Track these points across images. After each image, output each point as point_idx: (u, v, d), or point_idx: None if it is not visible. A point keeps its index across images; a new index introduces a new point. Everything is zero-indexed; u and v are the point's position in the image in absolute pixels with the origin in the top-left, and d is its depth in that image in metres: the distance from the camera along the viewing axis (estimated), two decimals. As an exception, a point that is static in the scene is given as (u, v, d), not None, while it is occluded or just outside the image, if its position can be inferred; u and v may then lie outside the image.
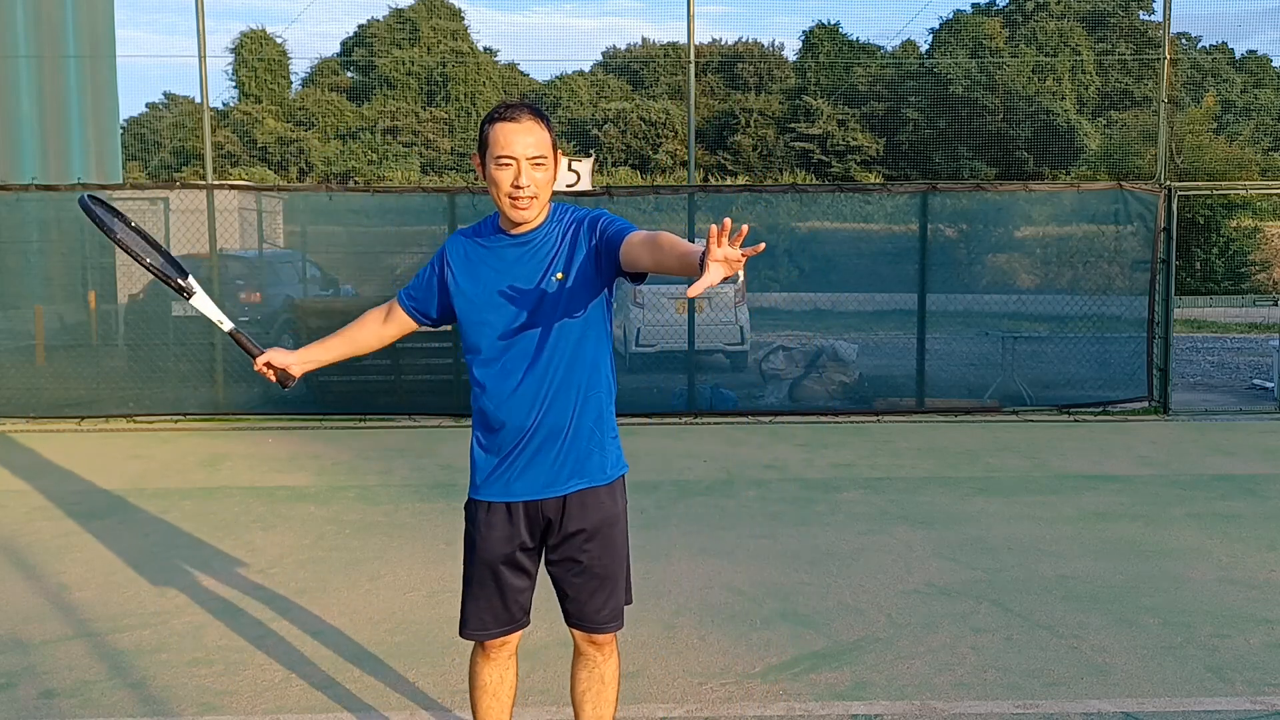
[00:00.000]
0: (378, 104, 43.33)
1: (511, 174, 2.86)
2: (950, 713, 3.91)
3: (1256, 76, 40.84)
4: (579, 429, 2.99)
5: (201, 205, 10.17)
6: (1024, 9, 44.24)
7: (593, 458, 3.02)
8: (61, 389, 10.35)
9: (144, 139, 37.91)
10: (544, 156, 2.89)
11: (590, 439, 3.01)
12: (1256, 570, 5.50)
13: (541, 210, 2.95)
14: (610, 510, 3.05)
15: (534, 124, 2.89)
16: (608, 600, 3.07)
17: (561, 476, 2.99)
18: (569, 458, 2.99)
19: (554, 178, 2.96)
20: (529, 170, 2.86)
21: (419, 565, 5.64)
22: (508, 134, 2.87)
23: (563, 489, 3.00)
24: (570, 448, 2.99)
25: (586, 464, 3.01)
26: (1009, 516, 6.55)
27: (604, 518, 3.03)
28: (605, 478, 3.04)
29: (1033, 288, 11.44)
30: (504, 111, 2.90)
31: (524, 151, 2.86)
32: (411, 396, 10.19)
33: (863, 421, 9.87)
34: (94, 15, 16.87)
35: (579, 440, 3.00)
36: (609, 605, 3.08)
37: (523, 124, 2.87)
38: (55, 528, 6.40)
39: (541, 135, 2.89)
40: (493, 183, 2.90)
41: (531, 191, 2.87)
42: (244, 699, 4.05)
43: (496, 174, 2.88)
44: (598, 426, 3.02)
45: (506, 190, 2.87)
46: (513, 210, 2.90)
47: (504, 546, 3.05)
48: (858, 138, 38.92)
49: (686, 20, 10.17)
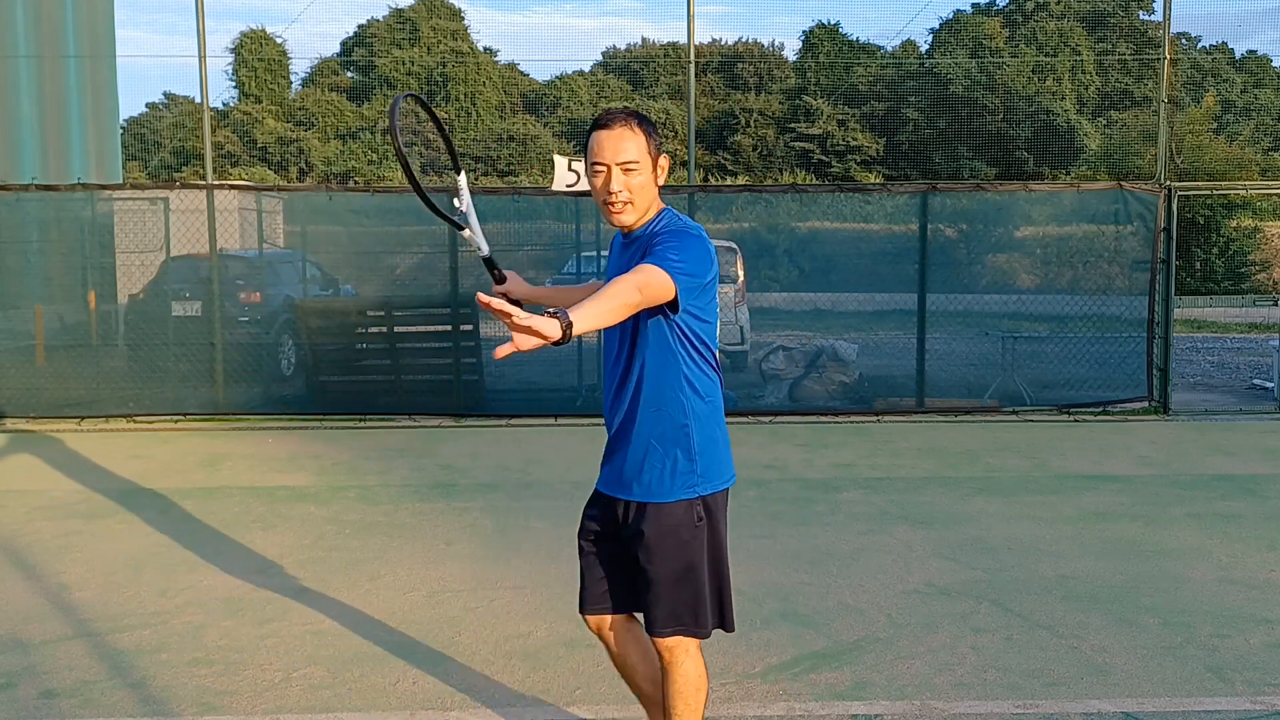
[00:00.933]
0: (378, 104, 43.32)
1: (602, 180, 2.92)
2: (950, 713, 3.91)
3: (1256, 76, 40.85)
4: (637, 440, 3.04)
5: (201, 205, 10.17)
6: (1024, 9, 44.24)
7: (652, 471, 3.04)
8: (61, 389, 10.35)
9: (144, 139, 37.92)
10: (636, 162, 2.91)
11: (650, 451, 3.04)
12: (1256, 570, 5.50)
13: (644, 214, 2.99)
14: (666, 527, 3.05)
15: (626, 130, 2.92)
16: (658, 605, 3.09)
17: (624, 480, 3.09)
18: (628, 464, 3.07)
19: (655, 182, 2.98)
20: (619, 176, 2.91)
21: (419, 565, 5.65)
22: (600, 141, 2.92)
23: (626, 494, 3.09)
24: (630, 455, 3.06)
25: (641, 475, 3.05)
26: (1009, 516, 6.55)
27: (659, 531, 3.05)
28: (665, 495, 3.04)
29: (1033, 288, 11.44)
30: (601, 118, 2.96)
31: (614, 157, 2.90)
32: (411, 396, 10.19)
33: (863, 421, 9.87)
34: (94, 15, 16.87)
35: (637, 450, 3.05)
36: (660, 611, 3.09)
37: (614, 130, 2.91)
38: (55, 528, 6.40)
39: (635, 141, 2.92)
40: (592, 189, 2.98)
41: (625, 197, 2.92)
42: (244, 699, 4.05)
43: (592, 180, 2.95)
44: (660, 442, 3.02)
45: (601, 196, 2.94)
46: (608, 215, 2.96)
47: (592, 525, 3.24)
48: (858, 138, 38.94)
49: (686, 20, 10.17)
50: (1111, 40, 41.06)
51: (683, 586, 3.07)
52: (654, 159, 2.96)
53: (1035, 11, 43.82)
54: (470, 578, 5.43)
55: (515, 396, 10.58)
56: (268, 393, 10.57)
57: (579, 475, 7.78)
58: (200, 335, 10.29)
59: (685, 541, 3.05)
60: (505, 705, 3.99)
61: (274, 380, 10.83)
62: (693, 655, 3.13)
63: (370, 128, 42.16)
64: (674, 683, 3.14)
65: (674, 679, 3.14)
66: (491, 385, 10.56)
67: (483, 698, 4.05)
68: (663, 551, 3.05)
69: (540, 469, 8.00)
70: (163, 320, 10.64)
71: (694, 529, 3.06)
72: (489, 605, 5.03)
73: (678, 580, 3.07)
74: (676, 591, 3.07)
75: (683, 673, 3.14)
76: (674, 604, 3.08)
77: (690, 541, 3.06)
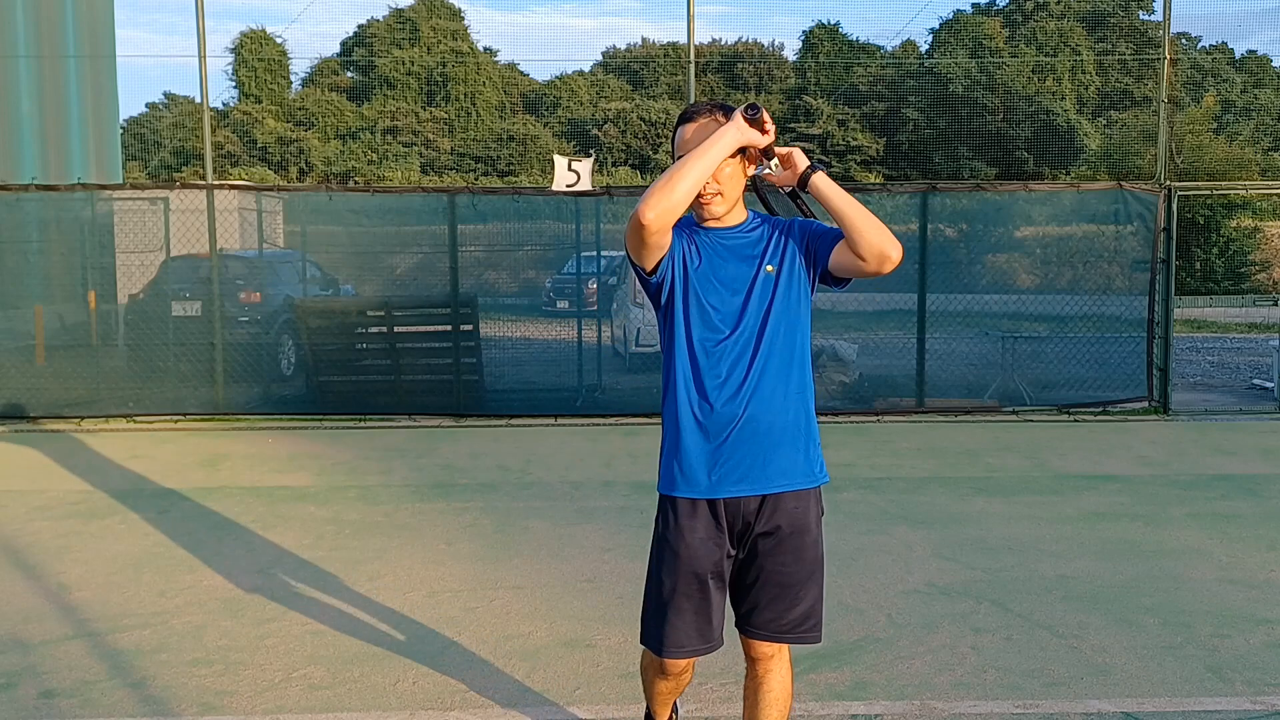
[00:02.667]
0: (378, 104, 43.34)
1: None
2: (950, 713, 3.91)
3: (1256, 76, 40.83)
4: (786, 424, 2.94)
5: (201, 205, 10.16)
6: (1024, 9, 44.26)
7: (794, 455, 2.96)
8: (61, 389, 10.34)
9: (144, 139, 37.91)
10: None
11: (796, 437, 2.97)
12: (1256, 570, 5.50)
13: (734, 204, 2.95)
14: (805, 516, 3.00)
15: (711, 121, 2.88)
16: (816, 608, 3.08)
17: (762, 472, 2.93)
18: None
19: (744, 172, 2.94)
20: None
21: (419, 565, 5.65)
22: (686, 134, 2.90)
23: (784, 484, 2.95)
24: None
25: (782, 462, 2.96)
26: (1009, 516, 6.55)
27: (794, 521, 2.98)
28: (811, 480, 2.99)
29: (1033, 288, 11.43)
30: (686, 112, 2.95)
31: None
32: (411, 396, 10.19)
33: (863, 421, 9.87)
34: (94, 15, 16.87)
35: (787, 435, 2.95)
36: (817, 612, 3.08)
37: (700, 122, 2.89)
38: (55, 528, 6.40)
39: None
40: None
41: (714, 188, 2.88)
42: (244, 699, 4.05)
43: None
44: (805, 426, 2.98)
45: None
46: (698, 207, 2.90)
47: (712, 551, 2.97)
48: (858, 138, 38.95)
49: (686, 20, 10.17)
50: (1111, 40, 41.07)
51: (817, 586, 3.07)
52: (742, 153, 2.93)
53: (1035, 11, 43.83)
54: (470, 578, 5.43)
55: (515, 396, 10.58)
56: (268, 393, 10.57)
57: (579, 475, 7.79)
58: (200, 335, 10.29)
59: (819, 532, 3.05)
60: (505, 705, 3.99)
61: (274, 380, 10.83)
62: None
63: (370, 128, 42.17)
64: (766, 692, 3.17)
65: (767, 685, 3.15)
66: (491, 385, 10.56)
67: (483, 698, 4.05)
68: (799, 547, 3.02)
69: (540, 469, 8.00)
70: (163, 320, 10.64)
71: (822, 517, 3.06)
72: (489, 605, 5.03)
73: (813, 580, 3.05)
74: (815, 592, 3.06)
75: (776, 678, 3.16)
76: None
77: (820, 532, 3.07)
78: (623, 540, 6.07)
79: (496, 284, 11.17)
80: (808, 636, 3.05)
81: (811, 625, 3.04)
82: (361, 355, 10.62)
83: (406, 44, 46.01)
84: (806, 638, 3.05)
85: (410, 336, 10.42)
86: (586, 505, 6.89)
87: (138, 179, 26.79)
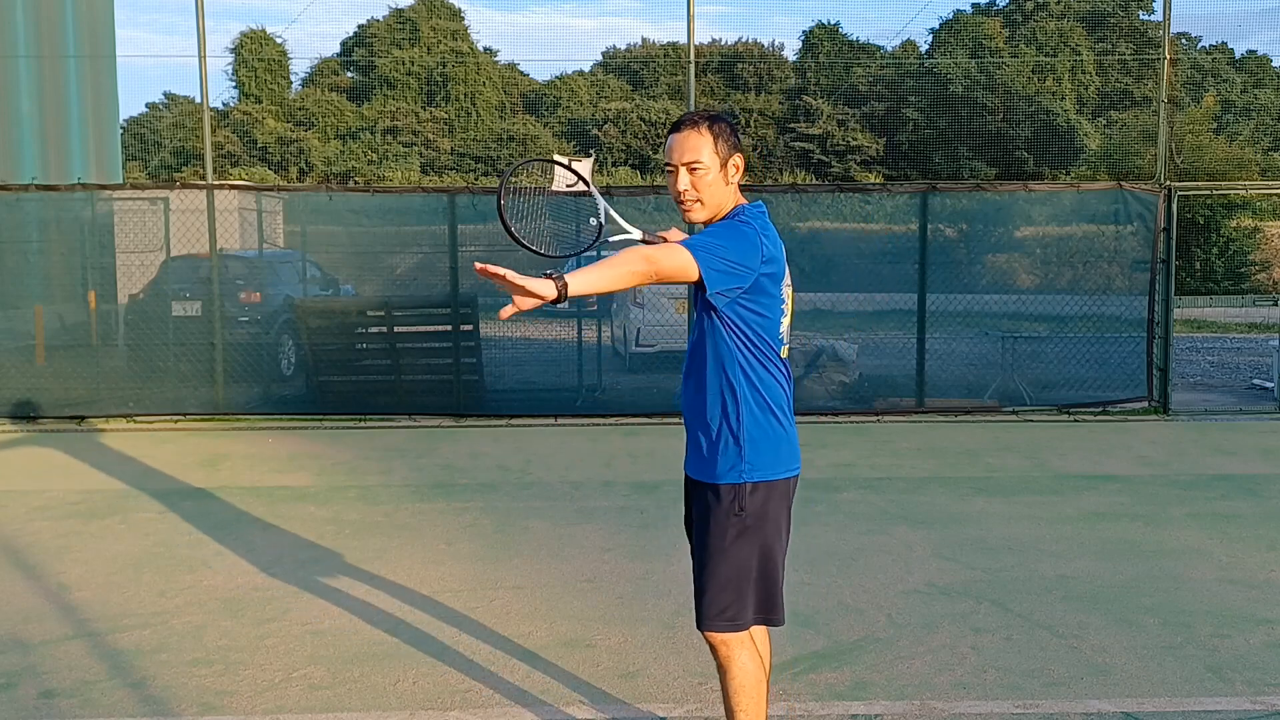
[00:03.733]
0: (378, 104, 43.34)
1: (672, 180, 3.08)
2: (950, 713, 3.91)
3: (1256, 76, 40.83)
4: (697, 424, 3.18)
5: (201, 205, 10.17)
6: (1024, 9, 44.25)
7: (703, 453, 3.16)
8: (61, 389, 10.34)
9: (144, 139, 37.89)
10: (700, 162, 3.03)
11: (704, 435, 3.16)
12: (1256, 570, 5.50)
13: (717, 212, 3.10)
14: (711, 510, 3.13)
15: (694, 132, 3.05)
16: (699, 597, 3.17)
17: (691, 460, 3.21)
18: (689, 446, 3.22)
19: (724, 181, 3.08)
20: (685, 175, 3.05)
21: (419, 565, 5.65)
22: (671, 143, 3.10)
23: (692, 473, 3.22)
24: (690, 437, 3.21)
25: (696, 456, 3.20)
26: (1009, 516, 6.55)
27: (700, 514, 3.17)
28: (712, 477, 3.14)
29: (1033, 288, 11.42)
30: (676, 122, 3.12)
31: (681, 158, 3.05)
32: (411, 396, 10.19)
33: (863, 421, 9.87)
34: (94, 15, 16.86)
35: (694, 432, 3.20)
36: (700, 602, 3.17)
37: (684, 133, 3.07)
38: (55, 528, 6.40)
39: (702, 142, 3.04)
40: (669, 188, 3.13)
41: (692, 195, 3.07)
42: (244, 699, 4.05)
43: (667, 180, 3.12)
44: (716, 425, 3.13)
45: (673, 195, 3.10)
46: (681, 212, 3.11)
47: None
48: (858, 138, 38.94)
49: (686, 20, 10.17)
50: (1111, 40, 41.06)
51: (707, 573, 3.12)
52: (724, 159, 3.06)
53: (1035, 11, 43.83)
54: (470, 578, 5.43)
55: (515, 396, 10.58)
56: (268, 393, 10.57)
57: (579, 475, 7.79)
58: (200, 335, 10.29)
59: (722, 525, 3.10)
60: (505, 705, 3.99)
61: (274, 380, 10.83)
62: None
63: (370, 128, 42.17)
64: (727, 682, 3.23)
65: (725, 675, 3.24)
66: (491, 385, 10.56)
67: (483, 698, 4.05)
68: (703, 532, 3.15)
69: (540, 469, 8.00)
70: (163, 320, 10.64)
71: (733, 515, 3.10)
72: (489, 605, 5.03)
73: (703, 566, 3.14)
74: (704, 583, 3.14)
75: (731, 671, 3.23)
76: (703, 597, 3.15)
77: (727, 527, 3.10)
78: (623, 540, 6.07)
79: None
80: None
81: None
82: (361, 355, 10.62)
83: (406, 44, 46.01)
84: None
85: (410, 336, 10.41)
86: (586, 505, 6.89)
87: (138, 179, 26.81)
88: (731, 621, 3.11)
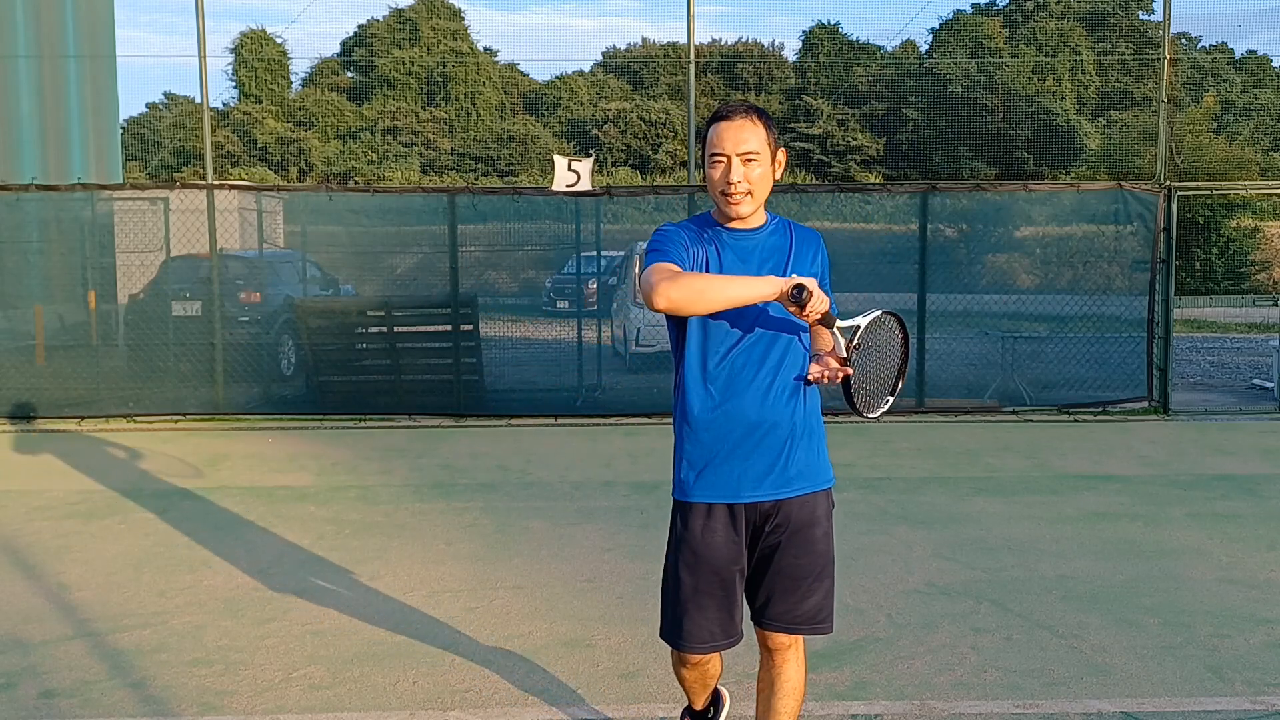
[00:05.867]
0: (378, 104, 43.35)
1: (721, 170, 2.93)
2: (950, 713, 3.91)
3: (1256, 76, 40.85)
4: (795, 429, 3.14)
5: (201, 205, 10.17)
6: (1024, 9, 44.26)
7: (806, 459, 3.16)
8: (61, 389, 10.35)
9: (144, 139, 37.90)
10: (756, 153, 2.92)
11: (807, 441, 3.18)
12: (1256, 570, 5.50)
13: (759, 206, 3.00)
14: (816, 514, 3.14)
15: (747, 121, 2.93)
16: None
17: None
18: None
19: (773, 174, 3.00)
20: (739, 166, 2.92)
21: (419, 565, 5.65)
22: (720, 132, 2.94)
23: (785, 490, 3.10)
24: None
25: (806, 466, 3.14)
26: (1009, 516, 6.55)
27: (806, 519, 3.12)
28: (821, 483, 3.16)
29: (1033, 288, 11.43)
30: (721, 110, 2.99)
31: (735, 148, 2.91)
32: (411, 396, 10.19)
33: (863, 421, 9.85)
34: (94, 15, 16.86)
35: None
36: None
37: (735, 121, 2.93)
38: (55, 528, 6.40)
39: (755, 132, 2.93)
40: (709, 180, 2.98)
41: (745, 187, 2.93)
42: (244, 699, 4.05)
43: (710, 171, 2.95)
44: (812, 428, 3.21)
45: (719, 187, 2.94)
46: (725, 205, 2.95)
47: (730, 550, 3.07)
48: (858, 138, 38.95)
49: (686, 20, 10.17)
50: (1111, 40, 41.07)
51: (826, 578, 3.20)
52: (773, 152, 2.98)
53: (1035, 11, 43.84)
54: (470, 578, 5.43)
55: (515, 396, 10.58)
56: (268, 393, 10.57)
57: (579, 475, 7.79)
58: (200, 335, 10.29)
59: (828, 530, 3.22)
60: (505, 705, 3.99)
61: (274, 380, 10.83)
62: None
63: (370, 128, 42.17)
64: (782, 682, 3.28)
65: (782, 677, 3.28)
66: (491, 385, 10.56)
67: (483, 698, 4.05)
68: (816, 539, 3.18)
69: (540, 469, 8.00)
70: (163, 320, 10.64)
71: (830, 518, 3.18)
72: (489, 605, 5.03)
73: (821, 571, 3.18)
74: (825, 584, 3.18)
75: (790, 669, 3.29)
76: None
77: (830, 530, 3.22)
78: (623, 540, 6.07)
79: (496, 284, 11.17)
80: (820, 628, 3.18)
81: (824, 617, 3.17)
82: (361, 355, 10.62)
83: (406, 44, 46.02)
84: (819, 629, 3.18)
85: (410, 336, 10.41)
86: (586, 505, 6.89)
87: (138, 179, 26.80)
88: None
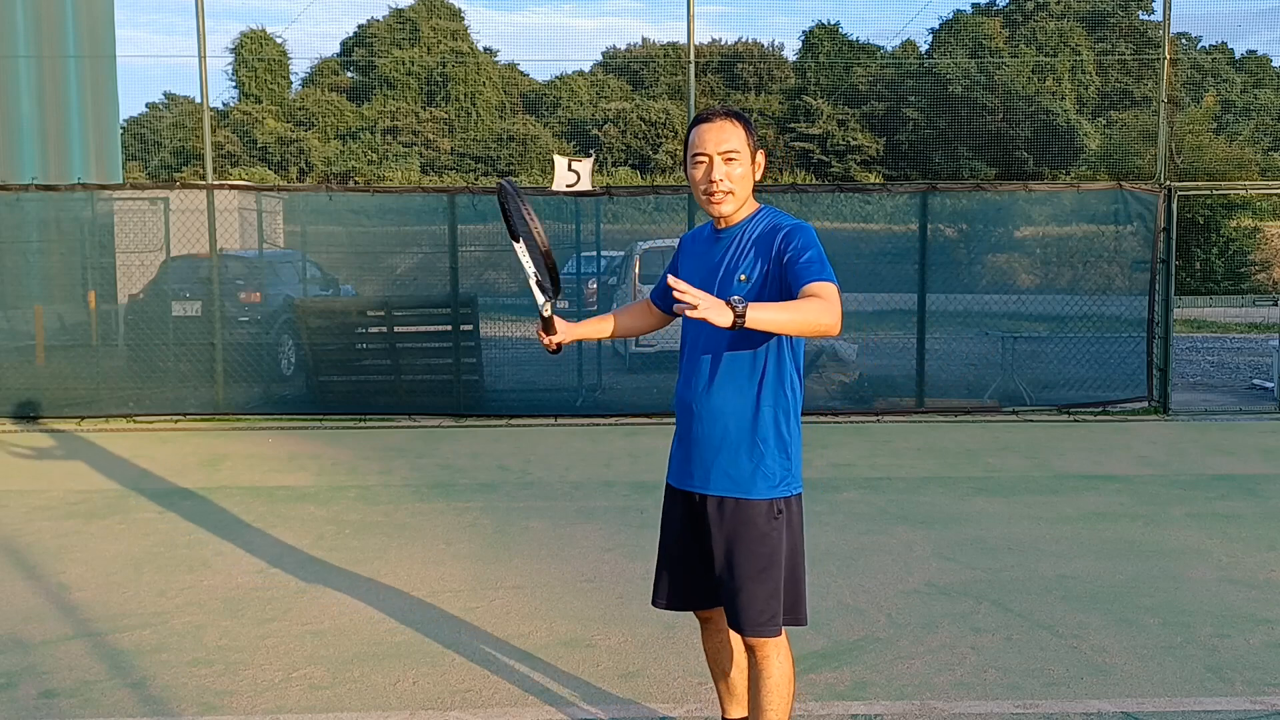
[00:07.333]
0: (378, 104, 43.33)
1: (704, 170, 2.99)
2: (950, 713, 3.91)
3: (1256, 76, 40.84)
4: (730, 431, 3.02)
5: (201, 205, 10.17)
6: (1024, 9, 44.25)
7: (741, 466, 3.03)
8: (61, 389, 10.35)
9: (144, 139, 37.90)
10: (737, 151, 2.98)
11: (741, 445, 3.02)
12: (1256, 570, 5.50)
13: (742, 206, 3.04)
14: (747, 521, 3.02)
15: (727, 123, 3.00)
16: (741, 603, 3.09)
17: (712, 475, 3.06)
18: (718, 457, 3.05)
19: (753, 175, 3.04)
20: (721, 165, 2.97)
21: (419, 565, 5.65)
22: (701, 133, 3.00)
23: (708, 488, 3.06)
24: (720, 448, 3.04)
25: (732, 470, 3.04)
26: (1009, 516, 6.55)
27: (737, 527, 3.02)
28: (750, 492, 3.02)
29: (1033, 288, 11.43)
30: (701, 114, 3.05)
31: (716, 148, 2.97)
32: (411, 396, 10.19)
33: (863, 421, 9.86)
34: (94, 15, 16.87)
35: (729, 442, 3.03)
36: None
37: (716, 123, 3.00)
38: (55, 528, 6.40)
39: (735, 133, 2.99)
40: (691, 181, 3.03)
41: (726, 186, 2.99)
42: (244, 699, 4.05)
43: (692, 171, 3.02)
44: (764, 438, 3.01)
45: (701, 186, 3.00)
46: (708, 204, 3.01)
47: (676, 528, 3.19)
48: (858, 138, 38.93)
49: (686, 20, 10.17)
50: (1111, 40, 41.07)
51: (758, 584, 3.08)
52: (753, 152, 3.03)
53: (1035, 11, 43.83)
54: (470, 578, 5.43)
55: (515, 396, 10.58)
56: (268, 393, 10.57)
57: (579, 475, 7.79)
58: (200, 335, 10.29)
59: (769, 538, 3.07)
60: (505, 705, 3.99)
61: (274, 380, 10.83)
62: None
63: (370, 128, 42.16)
64: (763, 684, 3.19)
65: (761, 678, 3.20)
66: (491, 385, 10.56)
67: (483, 698, 4.05)
68: (742, 549, 3.09)
69: (540, 469, 8.00)
70: (163, 320, 10.64)
71: (777, 523, 3.06)
72: (489, 605, 5.03)
73: (751, 579, 3.08)
74: (753, 590, 3.08)
75: (769, 670, 3.20)
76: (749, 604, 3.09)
77: (771, 536, 3.07)
78: (623, 540, 6.07)
79: (496, 284, 11.17)
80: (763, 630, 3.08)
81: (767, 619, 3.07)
82: (361, 355, 10.62)
83: (406, 44, 46.00)
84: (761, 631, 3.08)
85: (410, 336, 10.41)
86: (586, 505, 6.89)
87: (138, 179, 26.82)
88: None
